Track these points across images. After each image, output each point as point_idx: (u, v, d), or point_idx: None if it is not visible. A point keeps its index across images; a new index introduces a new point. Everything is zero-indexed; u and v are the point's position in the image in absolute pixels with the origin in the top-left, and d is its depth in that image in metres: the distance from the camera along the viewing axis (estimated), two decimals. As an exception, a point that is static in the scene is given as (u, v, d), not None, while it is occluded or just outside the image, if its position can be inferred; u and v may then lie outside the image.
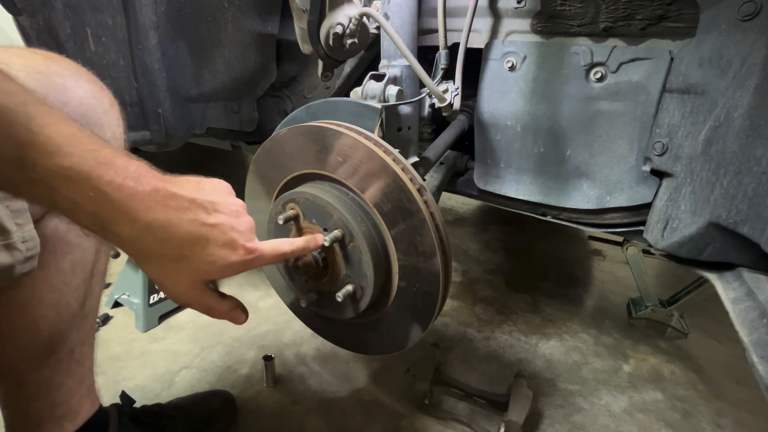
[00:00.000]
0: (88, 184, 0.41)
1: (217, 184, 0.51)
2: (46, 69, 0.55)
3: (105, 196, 0.41)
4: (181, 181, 0.48)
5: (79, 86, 0.58)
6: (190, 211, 0.46)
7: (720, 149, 0.66)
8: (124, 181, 0.42)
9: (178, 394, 1.09)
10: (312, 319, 0.93)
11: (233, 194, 0.53)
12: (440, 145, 0.95)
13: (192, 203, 0.46)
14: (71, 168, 0.40)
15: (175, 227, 0.45)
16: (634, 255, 1.44)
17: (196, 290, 0.50)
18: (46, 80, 0.54)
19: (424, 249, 0.69)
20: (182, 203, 0.46)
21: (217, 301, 0.53)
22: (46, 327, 0.66)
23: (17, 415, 0.72)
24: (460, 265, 1.84)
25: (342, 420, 1.08)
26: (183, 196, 0.46)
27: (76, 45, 0.83)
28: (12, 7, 0.76)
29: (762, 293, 0.63)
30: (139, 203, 0.43)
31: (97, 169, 0.41)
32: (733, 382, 1.26)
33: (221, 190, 0.51)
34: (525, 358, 1.32)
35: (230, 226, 0.48)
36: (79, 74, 0.59)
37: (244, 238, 0.50)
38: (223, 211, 0.49)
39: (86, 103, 0.58)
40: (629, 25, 0.74)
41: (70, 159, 0.40)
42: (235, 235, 0.49)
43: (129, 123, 0.94)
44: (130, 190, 0.42)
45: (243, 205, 0.52)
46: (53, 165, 0.39)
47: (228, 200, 0.50)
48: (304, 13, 0.76)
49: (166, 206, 0.45)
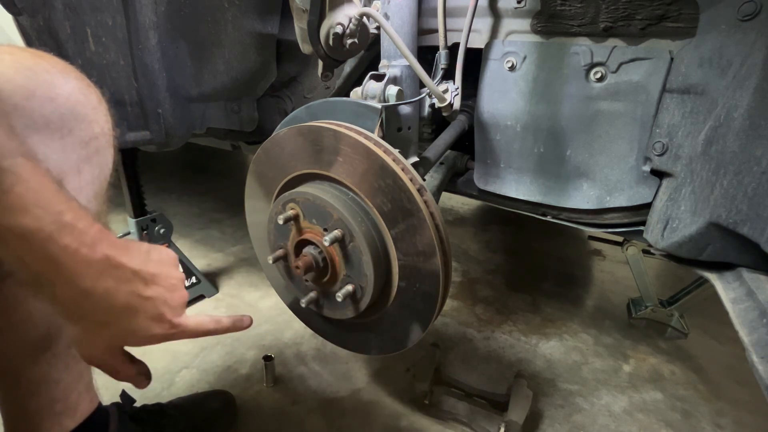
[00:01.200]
0: (43, 248, 0.42)
1: (165, 255, 0.54)
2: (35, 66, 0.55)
3: (54, 261, 0.43)
4: (132, 250, 0.50)
5: (67, 83, 0.58)
6: (130, 282, 0.49)
7: (720, 149, 0.66)
8: (78, 248, 0.44)
9: (178, 394, 1.09)
10: (312, 319, 0.93)
11: (177, 266, 0.56)
12: (440, 145, 0.95)
13: (134, 275, 0.49)
14: (32, 229, 0.41)
15: (113, 297, 0.47)
16: (634, 255, 1.44)
17: (109, 354, 0.54)
18: (35, 77, 0.54)
19: (424, 249, 0.69)
20: (126, 274, 0.48)
21: (124, 366, 0.57)
22: (41, 321, 0.66)
23: (16, 412, 0.72)
24: (460, 265, 1.84)
25: (342, 420, 1.08)
26: (128, 266, 0.48)
27: (76, 45, 0.83)
28: (12, 7, 0.76)
29: (762, 293, 0.63)
30: (85, 270, 0.45)
31: (56, 233, 0.42)
32: (733, 382, 1.26)
33: (166, 262, 0.54)
34: (525, 358, 1.32)
35: (163, 301, 0.51)
36: (67, 71, 0.59)
37: (173, 314, 0.53)
38: (161, 284, 0.52)
39: (74, 100, 0.58)
40: (629, 25, 0.74)
41: (33, 221, 0.41)
42: (164, 309, 0.52)
43: (129, 123, 0.94)
44: (82, 257, 0.44)
45: (182, 278, 0.55)
46: (13, 222, 0.40)
47: (169, 273, 0.53)
48: (304, 13, 0.76)
49: (110, 276, 0.47)
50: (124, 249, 0.49)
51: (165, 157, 3.05)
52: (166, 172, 2.81)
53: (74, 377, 0.75)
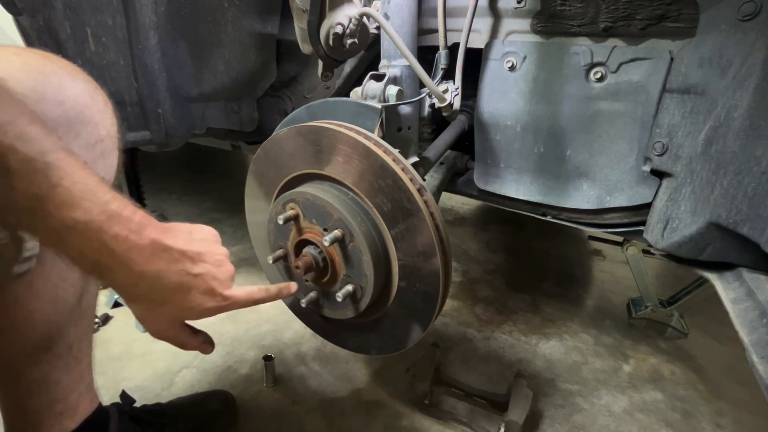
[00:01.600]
0: (97, 238, 0.45)
1: (206, 233, 0.58)
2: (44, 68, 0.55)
3: (108, 249, 0.46)
4: (175, 232, 0.53)
5: (75, 85, 0.58)
6: (179, 262, 0.52)
7: (720, 149, 0.66)
8: (128, 235, 0.47)
9: (178, 394, 1.09)
10: (312, 319, 0.93)
11: (219, 242, 0.59)
12: (440, 145, 0.95)
13: (182, 255, 0.52)
14: (84, 222, 0.44)
15: (165, 277, 0.51)
16: (634, 255, 1.44)
17: (174, 329, 0.58)
18: (44, 79, 0.54)
19: (424, 249, 0.69)
20: (173, 255, 0.51)
21: (189, 338, 0.61)
22: (43, 321, 0.66)
23: (16, 412, 0.72)
24: (460, 265, 1.84)
25: (342, 420, 1.08)
26: (175, 248, 0.52)
27: (76, 45, 0.83)
28: (12, 7, 0.76)
29: (762, 293, 0.63)
30: (137, 255, 0.48)
31: (107, 223, 0.45)
32: (733, 382, 1.26)
33: (209, 240, 0.57)
34: (525, 358, 1.32)
35: (212, 276, 0.55)
36: (75, 74, 0.59)
37: (223, 287, 0.56)
38: (208, 261, 0.55)
39: (82, 102, 0.58)
40: (629, 25, 0.74)
41: (84, 213, 0.44)
42: (215, 284, 0.55)
43: (129, 123, 0.94)
44: (131, 243, 0.47)
45: (226, 253, 0.59)
46: (67, 217, 0.43)
47: (214, 250, 0.57)
48: (304, 13, 0.76)
49: (160, 258, 0.50)
50: (168, 231, 0.52)
51: (165, 157, 3.05)
52: (166, 172, 2.81)
53: (75, 378, 0.75)
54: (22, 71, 0.53)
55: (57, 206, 0.42)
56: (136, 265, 0.48)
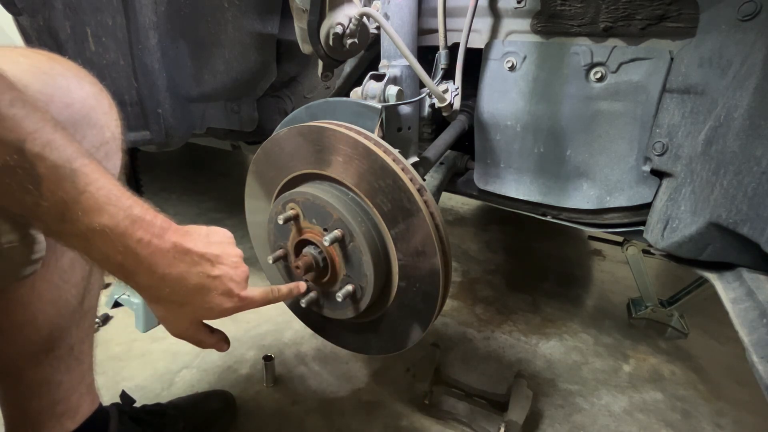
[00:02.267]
0: (121, 242, 0.47)
1: (222, 236, 0.60)
2: (51, 70, 0.56)
3: (133, 252, 0.48)
4: (194, 235, 0.55)
5: (82, 88, 0.58)
6: (199, 265, 0.54)
7: (720, 149, 0.66)
8: (150, 239, 0.49)
9: (178, 394, 1.09)
10: (312, 319, 0.93)
11: (234, 244, 0.61)
12: (440, 145, 0.95)
13: (201, 258, 0.54)
14: (110, 227, 0.45)
15: (186, 279, 0.53)
16: (634, 255, 1.44)
17: (193, 328, 0.60)
18: (52, 81, 0.55)
19: (425, 249, 0.69)
20: (194, 258, 0.53)
21: (207, 336, 0.63)
22: (45, 323, 0.66)
23: (17, 413, 0.72)
24: (460, 265, 1.84)
25: (342, 420, 1.08)
26: (195, 251, 0.54)
27: (76, 45, 0.83)
28: (12, 7, 0.76)
29: (762, 293, 0.63)
30: (160, 259, 0.50)
31: (131, 228, 0.47)
32: (733, 382, 1.26)
33: (226, 242, 0.59)
34: (525, 358, 1.32)
35: (229, 278, 0.57)
36: (81, 75, 0.59)
37: (240, 288, 0.58)
38: (225, 263, 0.57)
39: (89, 105, 0.59)
40: (629, 25, 0.74)
41: (109, 218, 0.45)
42: (232, 285, 0.57)
43: (129, 123, 0.94)
44: (155, 247, 0.49)
45: (241, 255, 0.61)
46: (94, 222, 0.44)
47: (230, 252, 0.58)
48: (304, 13, 0.76)
49: (181, 261, 0.52)
50: (188, 234, 0.54)
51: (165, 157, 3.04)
52: (166, 172, 2.81)
53: (76, 379, 0.75)
54: (29, 73, 0.53)
55: (84, 212, 0.43)
56: (159, 268, 0.50)
